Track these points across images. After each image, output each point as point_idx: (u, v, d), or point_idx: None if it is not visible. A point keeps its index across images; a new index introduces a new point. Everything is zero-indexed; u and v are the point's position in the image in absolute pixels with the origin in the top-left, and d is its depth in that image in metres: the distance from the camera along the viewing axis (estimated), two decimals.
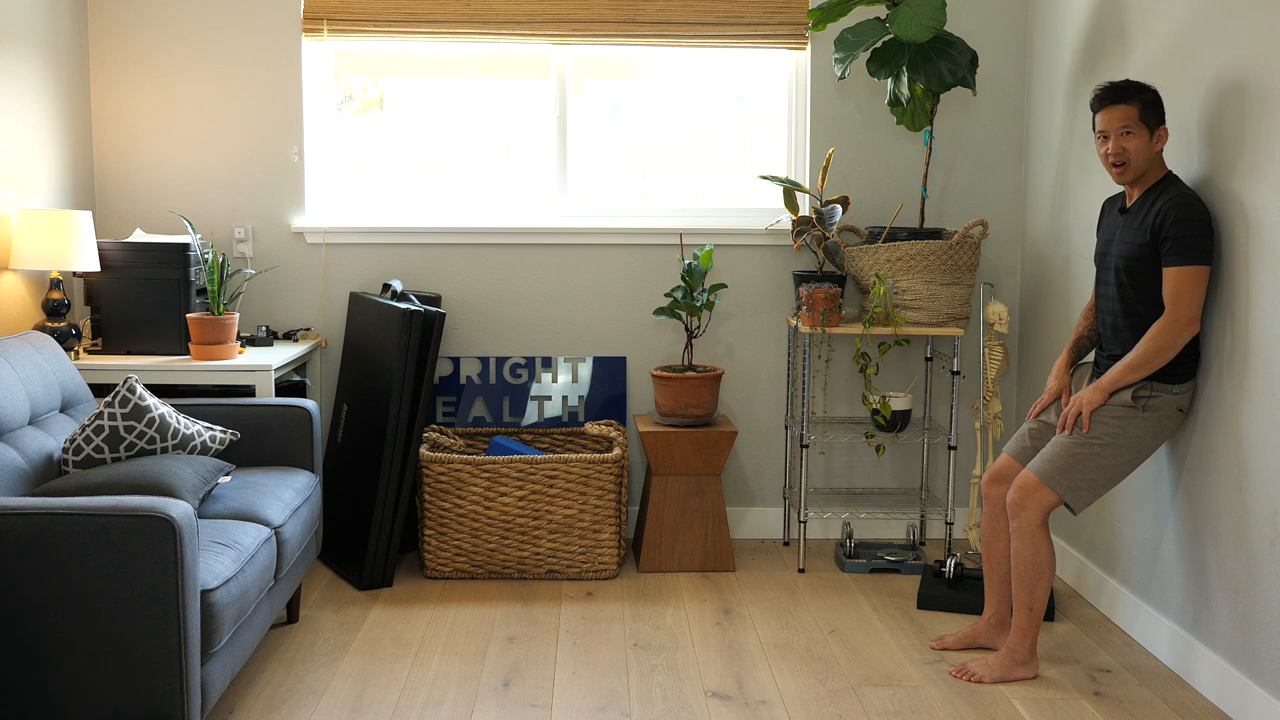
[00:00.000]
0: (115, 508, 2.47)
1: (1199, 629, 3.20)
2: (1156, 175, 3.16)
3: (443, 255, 4.44)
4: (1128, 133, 3.11)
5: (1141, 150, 3.12)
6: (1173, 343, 3.07)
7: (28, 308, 3.85)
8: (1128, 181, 3.18)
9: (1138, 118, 3.11)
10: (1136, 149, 3.12)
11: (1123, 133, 3.12)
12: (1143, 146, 3.12)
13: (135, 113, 4.33)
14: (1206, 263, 3.04)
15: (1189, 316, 3.05)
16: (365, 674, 3.24)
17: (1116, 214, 3.27)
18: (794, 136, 4.52)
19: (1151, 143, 3.12)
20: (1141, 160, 3.13)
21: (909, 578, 4.10)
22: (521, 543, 4.00)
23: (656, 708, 3.06)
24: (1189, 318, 3.06)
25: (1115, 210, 3.29)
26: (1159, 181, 3.15)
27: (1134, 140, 3.11)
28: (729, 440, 4.14)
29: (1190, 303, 3.05)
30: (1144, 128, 3.11)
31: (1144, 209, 3.14)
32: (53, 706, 2.48)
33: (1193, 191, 3.11)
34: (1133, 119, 3.11)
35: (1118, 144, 3.13)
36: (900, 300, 4.07)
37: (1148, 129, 3.11)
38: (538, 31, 4.35)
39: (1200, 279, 3.04)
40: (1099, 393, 3.16)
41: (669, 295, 4.18)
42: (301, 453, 3.59)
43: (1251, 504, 2.95)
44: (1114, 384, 3.15)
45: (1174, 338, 3.07)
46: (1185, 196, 3.07)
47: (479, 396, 4.47)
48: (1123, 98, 3.12)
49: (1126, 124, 3.11)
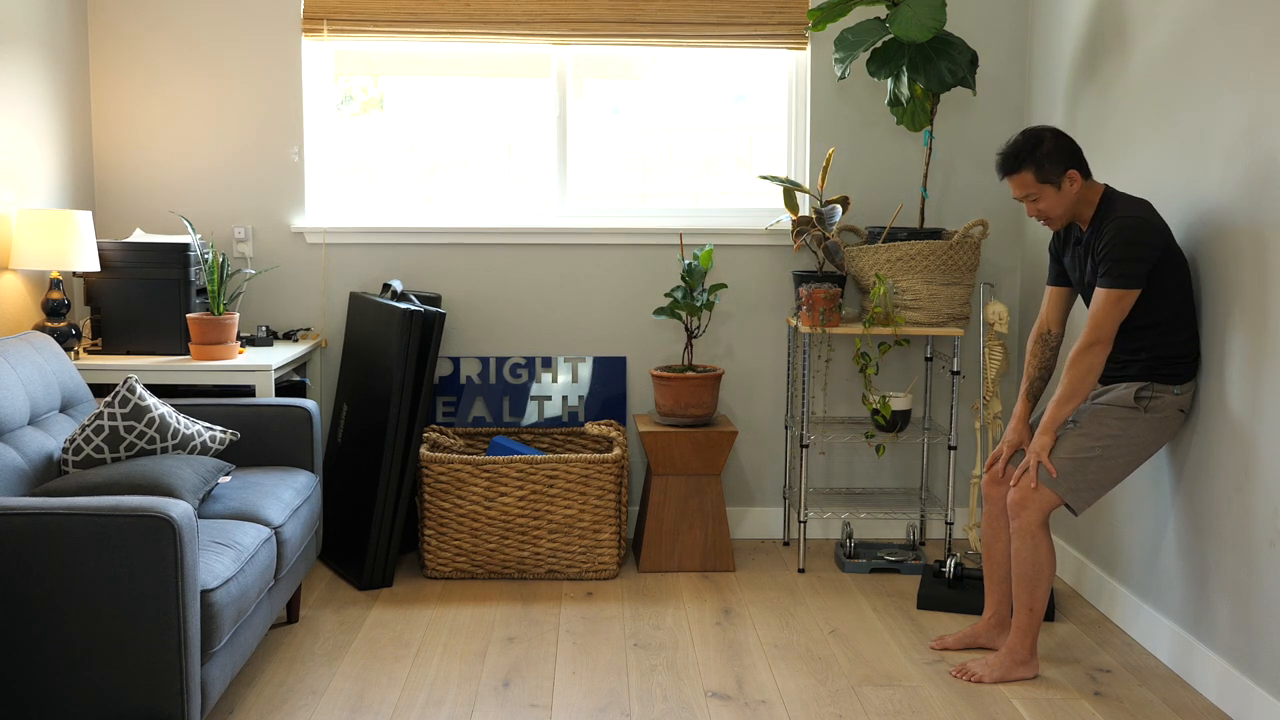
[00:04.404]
0: (115, 508, 2.47)
1: (1199, 629, 3.20)
2: (1092, 203, 3.18)
3: (443, 255, 4.44)
4: (1033, 198, 3.17)
5: (1054, 205, 3.17)
6: (1091, 365, 3.10)
7: (28, 308, 3.85)
8: (1060, 228, 3.25)
9: (1035, 181, 3.15)
10: (1049, 207, 3.17)
11: (1029, 199, 3.18)
12: (1054, 203, 3.16)
13: (135, 112, 4.33)
14: (1130, 286, 3.05)
15: (1100, 338, 3.08)
16: (365, 674, 3.24)
17: (1074, 245, 3.29)
18: (794, 136, 4.52)
19: (1063, 193, 3.14)
20: (1059, 212, 3.18)
21: (909, 578, 4.10)
22: (521, 543, 4.00)
23: (656, 708, 3.06)
24: (1100, 339, 3.08)
25: (1073, 241, 3.30)
26: (1098, 206, 3.17)
27: (1042, 202, 3.17)
28: (729, 440, 4.14)
29: (1102, 324, 3.08)
30: (1047, 187, 3.14)
31: (1091, 235, 3.18)
32: (53, 706, 2.48)
33: (1134, 210, 3.10)
34: (1030, 184, 3.16)
35: (1031, 209, 3.21)
36: (900, 300, 4.07)
37: (1052, 185, 3.14)
38: (538, 31, 4.35)
39: (1119, 302, 3.06)
40: (1046, 434, 3.18)
41: (669, 295, 4.18)
42: (301, 453, 3.59)
43: (1252, 504, 2.96)
44: (1054, 421, 3.18)
45: (1090, 360, 3.10)
46: (1121, 220, 3.08)
47: (479, 396, 4.47)
48: (1015, 167, 3.16)
49: (1027, 191, 3.17)
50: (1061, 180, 3.13)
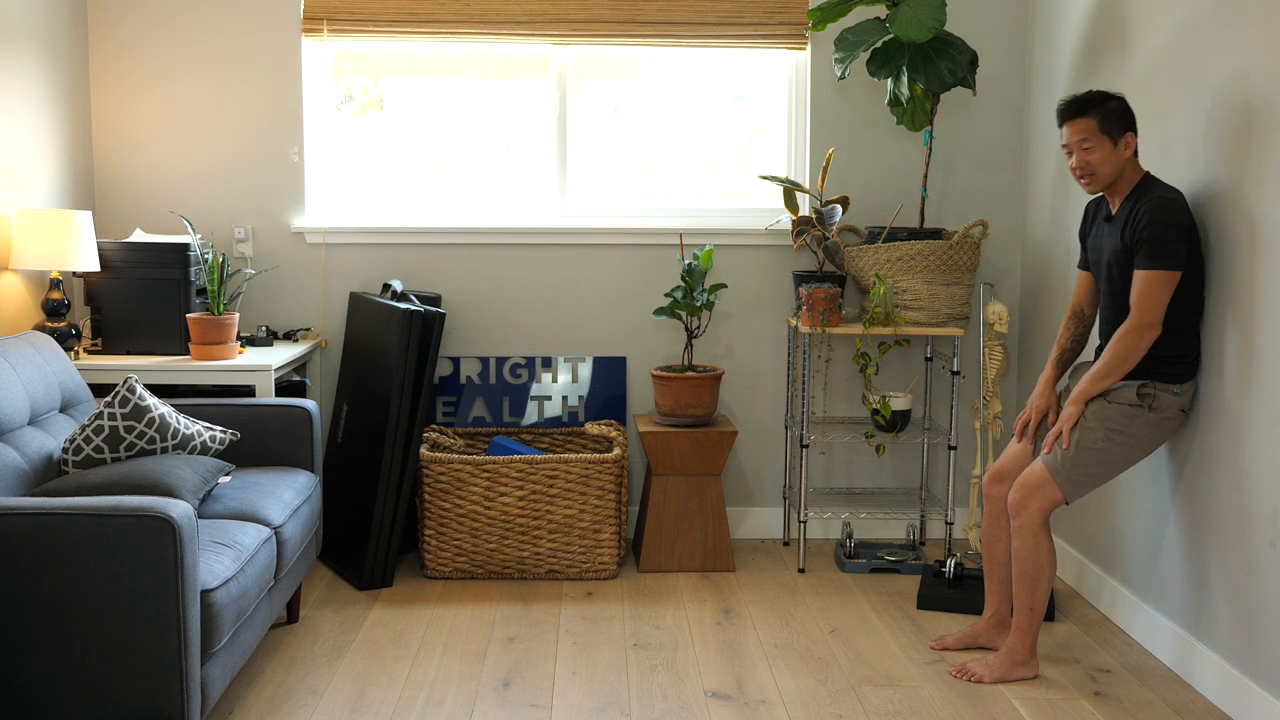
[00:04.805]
0: (115, 508, 2.47)
1: (1199, 629, 3.20)
2: (1132, 180, 3.17)
3: (443, 255, 4.44)
4: (1087, 146, 3.14)
5: (1105, 161, 3.13)
6: (1136, 346, 3.09)
7: (28, 308, 3.85)
8: (1096, 192, 3.21)
9: (1097, 130, 3.12)
10: (1099, 160, 3.14)
11: (1082, 146, 3.14)
12: (1105, 158, 3.13)
13: (135, 112, 4.33)
14: (1175, 268, 3.05)
15: (1150, 320, 3.07)
16: (365, 674, 3.24)
17: (1102, 221, 3.28)
18: (794, 136, 4.52)
19: (1117, 151, 3.13)
20: (1107, 170, 3.14)
21: (909, 578, 4.10)
22: (521, 543, 4.00)
23: (656, 708, 3.06)
24: (1149, 321, 3.07)
25: (1100, 218, 3.30)
26: (1136, 186, 3.16)
27: (1095, 153, 3.13)
28: (729, 440, 4.14)
29: (1152, 307, 3.06)
30: (1105, 139, 3.12)
31: (1124, 214, 3.15)
32: (53, 706, 2.48)
33: (1172, 194, 3.11)
34: (1091, 131, 3.12)
35: (1080, 157, 3.16)
36: (900, 300, 4.07)
37: (1110, 139, 3.12)
38: (538, 31, 4.35)
39: (1166, 284, 3.05)
40: (1076, 405, 3.18)
41: (669, 295, 4.18)
42: (301, 453, 3.59)
43: (1252, 504, 2.95)
44: (1085, 395, 3.17)
45: (1136, 341, 3.09)
46: (1162, 200, 3.07)
47: (479, 396, 4.47)
48: (1080, 111, 3.14)
49: (1085, 137, 3.14)
50: (1120, 139, 3.12)
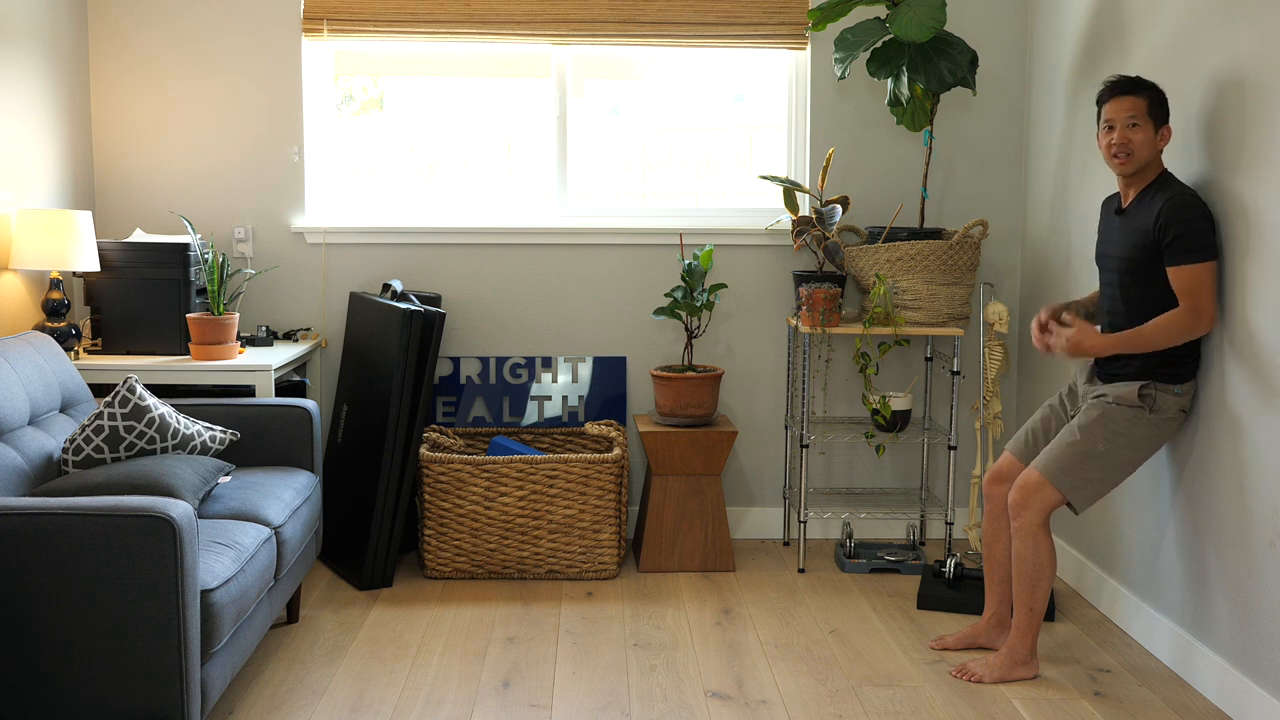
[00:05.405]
0: (115, 508, 2.47)
1: (1199, 629, 3.20)
2: (1154, 173, 3.17)
3: (443, 255, 4.44)
4: (1134, 124, 3.12)
5: (1145, 145, 3.12)
6: (1183, 331, 3.06)
7: (28, 308, 3.85)
8: (1128, 173, 3.17)
9: (1145, 111, 3.12)
10: (1141, 142, 3.12)
11: (1129, 124, 3.12)
12: (1147, 140, 3.12)
13: (135, 112, 4.33)
14: (1212, 258, 3.04)
15: (1207, 311, 3.05)
16: (365, 674, 3.24)
17: (1113, 215, 3.27)
18: (794, 136, 4.52)
19: (1155, 139, 3.13)
20: (1144, 154, 3.13)
21: (909, 578, 4.10)
22: (521, 543, 4.00)
23: (656, 708, 3.06)
24: (1207, 312, 3.05)
25: (1111, 211, 3.29)
26: (1156, 180, 3.16)
27: (1139, 133, 3.12)
28: (729, 440, 4.14)
29: (1206, 297, 3.04)
30: (1150, 122, 3.12)
31: (1142, 208, 3.14)
32: (53, 706, 2.48)
33: (1191, 189, 3.12)
34: (1141, 111, 3.12)
35: (1123, 134, 3.13)
36: (900, 300, 4.07)
37: (1154, 124, 3.12)
38: (538, 31, 4.35)
39: (1212, 274, 3.05)
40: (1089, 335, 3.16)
41: (669, 295, 4.18)
42: (301, 453, 3.59)
43: (1252, 504, 2.95)
44: (1109, 346, 3.14)
45: (1187, 327, 3.06)
46: (1187, 194, 3.08)
47: (479, 396, 4.47)
48: (1132, 89, 3.14)
49: (1134, 115, 3.12)
50: (1161, 128, 3.13)
